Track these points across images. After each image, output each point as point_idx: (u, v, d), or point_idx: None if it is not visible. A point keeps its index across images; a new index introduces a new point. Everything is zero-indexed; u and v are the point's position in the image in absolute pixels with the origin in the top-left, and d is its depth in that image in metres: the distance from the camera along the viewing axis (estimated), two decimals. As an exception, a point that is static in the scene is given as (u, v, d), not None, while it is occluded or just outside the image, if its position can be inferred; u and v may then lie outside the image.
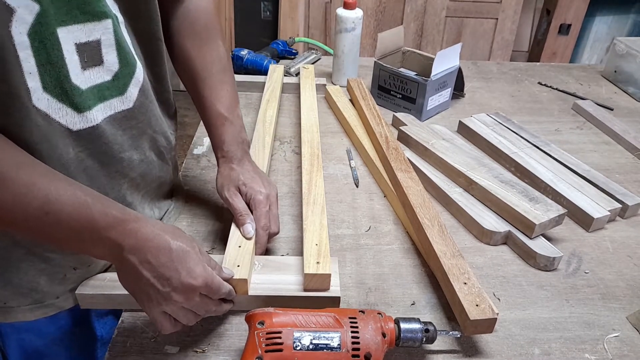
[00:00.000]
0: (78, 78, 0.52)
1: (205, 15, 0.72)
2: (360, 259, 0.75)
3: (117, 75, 0.56)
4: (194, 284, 0.52)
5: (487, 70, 1.43)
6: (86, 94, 0.53)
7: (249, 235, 0.67)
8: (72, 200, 0.48)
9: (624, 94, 1.34)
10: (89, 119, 0.54)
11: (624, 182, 0.94)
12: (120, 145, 0.60)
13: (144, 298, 0.52)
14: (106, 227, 0.49)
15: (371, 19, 2.41)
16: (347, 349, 0.52)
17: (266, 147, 0.91)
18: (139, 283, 0.51)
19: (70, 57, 0.51)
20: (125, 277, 0.53)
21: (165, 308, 0.52)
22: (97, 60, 0.53)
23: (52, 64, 0.49)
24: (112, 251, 0.50)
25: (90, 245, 0.50)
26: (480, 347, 0.62)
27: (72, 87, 0.51)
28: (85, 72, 0.52)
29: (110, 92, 0.56)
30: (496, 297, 0.70)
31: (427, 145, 0.94)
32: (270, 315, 0.54)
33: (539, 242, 0.76)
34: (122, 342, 0.59)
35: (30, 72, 0.47)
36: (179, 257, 0.52)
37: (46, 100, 0.50)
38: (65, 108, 0.52)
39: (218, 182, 0.73)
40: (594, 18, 2.53)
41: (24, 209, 0.46)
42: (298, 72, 1.26)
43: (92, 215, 0.49)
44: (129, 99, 0.59)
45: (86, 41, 0.52)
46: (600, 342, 0.64)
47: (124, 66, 0.57)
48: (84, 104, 0.53)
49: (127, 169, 0.62)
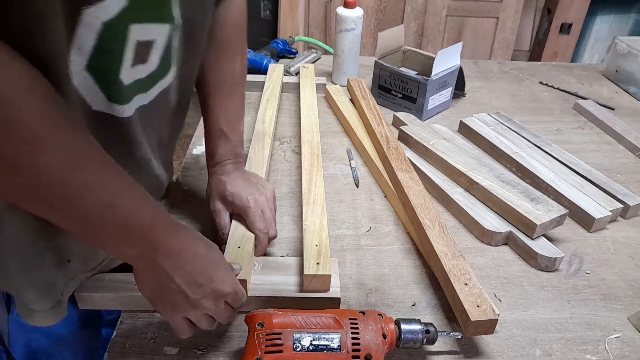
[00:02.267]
0: (125, 73, 0.51)
1: (231, 27, 0.72)
2: (360, 259, 0.75)
3: (150, 75, 0.56)
4: (225, 291, 0.53)
5: (488, 70, 1.43)
6: (126, 89, 0.53)
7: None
8: (137, 196, 0.48)
9: (625, 94, 1.34)
10: (116, 109, 0.53)
11: (625, 182, 0.94)
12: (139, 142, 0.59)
13: (167, 303, 0.52)
14: (154, 226, 0.49)
15: (371, 18, 2.40)
16: (347, 350, 0.52)
17: (266, 147, 0.91)
18: (166, 289, 0.51)
19: (128, 53, 0.50)
20: (149, 281, 0.52)
21: (190, 314, 0.53)
22: (143, 59, 0.53)
23: (110, 53, 0.48)
24: (145, 253, 0.49)
25: (125, 242, 0.49)
26: (481, 348, 0.62)
27: (116, 80, 0.51)
28: (132, 69, 0.52)
29: (139, 89, 0.56)
30: (497, 297, 0.69)
31: (428, 145, 0.94)
32: (270, 316, 0.54)
33: (540, 242, 0.76)
34: (121, 343, 0.59)
35: (79, 48, 0.46)
36: (213, 265, 0.53)
37: (83, 78, 0.48)
38: (98, 92, 0.51)
39: (207, 193, 0.74)
40: (595, 17, 2.53)
41: (96, 198, 0.45)
42: (298, 72, 1.26)
43: (146, 215, 0.49)
44: (148, 97, 0.58)
45: (145, 40, 0.51)
46: (601, 343, 0.63)
47: (159, 68, 0.56)
48: (124, 97, 0.53)
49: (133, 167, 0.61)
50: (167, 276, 0.50)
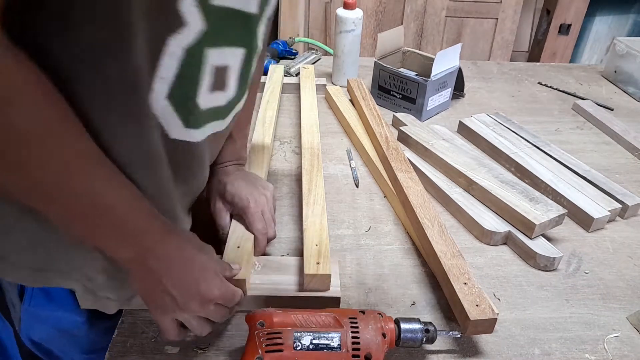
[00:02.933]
0: (203, 98, 0.51)
1: None
2: (360, 259, 0.75)
3: (230, 102, 0.56)
4: (211, 296, 0.53)
5: (487, 70, 1.43)
6: (202, 114, 0.52)
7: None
8: (134, 195, 0.49)
9: (624, 94, 1.34)
10: (192, 135, 0.53)
11: (624, 182, 0.94)
12: (200, 165, 0.59)
13: (157, 305, 0.53)
14: (148, 230, 0.50)
15: (371, 19, 2.40)
16: (347, 349, 0.52)
17: (266, 148, 0.91)
18: (156, 290, 0.51)
19: (205, 78, 0.50)
20: (141, 282, 0.53)
21: (179, 316, 0.53)
22: (221, 85, 0.53)
23: (189, 79, 0.48)
24: (138, 254, 0.50)
25: (121, 244, 0.49)
26: (480, 347, 0.62)
27: (193, 105, 0.51)
28: (211, 95, 0.52)
29: (217, 116, 0.55)
30: (496, 297, 0.70)
31: (427, 146, 0.94)
32: (271, 316, 0.54)
33: (539, 242, 0.76)
34: (122, 342, 0.59)
35: (162, 77, 0.46)
36: (200, 269, 0.53)
37: (163, 107, 0.48)
38: (176, 119, 0.50)
39: (207, 193, 0.74)
40: (594, 18, 2.53)
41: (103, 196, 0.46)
42: (298, 72, 1.26)
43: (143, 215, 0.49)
44: (225, 123, 0.58)
45: (221, 65, 0.51)
46: (600, 343, 0.64)
47: (237, 94, 0.56)
48: (197, 122, 0.52)
49: (195, 188, 0.62)
50: (157, 279, 0.50)
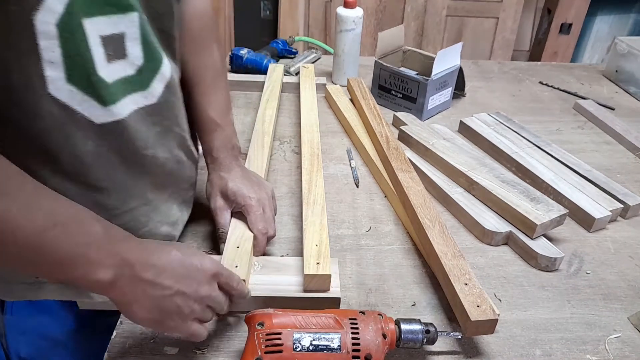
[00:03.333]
0: (103, 71, 0.51)
1: (201, 19, 0.72)
2: (360, 259, 0.74)
3: (141, 70, 0.55)
4: (212, 271, 0.52)
5: (488, 70, 1.43)
6: (112, 87, 0.52)
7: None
8: (77, 214, 0.46)
9: (625, 94, 1.34)
10: (114, 112, 0.53)
11: (625, 182, 0.94)
12: (144, 142, 0.58)
13: (171, 314, 0.50)
14: (113, 241, 0.47)
15: (371, 18, 2.40)
16: (347, 350, 0.52)
17: (265, 147, 0.91)
18: (163, 300, 0.49)
19: (96, 50, 0.50)
20: (143, 302, 0.49)
21: (196, 310, 0.51)
22: (121, 54, 0.53)
23: (80, 56, 0.48)
24: (122, 270, 0.47)
25: (97, 265, 0.46)
26: (481, 348, 0.62)
27: (98, 80, 0.50)
28: (110, 65, 0.52)
29: (133, 86, 0.55)
30: (497, 297, 0.69)
31: (428, 145, 0.94)
32: (270, 316, 0.54)
33: (540, 242, 0.76)
34: (121, 343, 0.59)
35: (52, 62, 0.46)
36: (189, 257, 0.52)
37: (68, 91, 0.48)
38: (90, 100, 0.50)
39: (207, 190, 0.73)
40: (595, 17, 2.53)
41: (31, 220, 0.42)
42: (298, 72, 1.26)
43: (98, 229, 0.47)
44: (152, 94, 0.58)
45: (111, 34, 0.51)
46: (601, 343, 0.63)
47: (148, 61, 0.56)
48: (110, 97, 0.52)
49: (152, 166, 0.61)
50: (156, 285, 0.48)
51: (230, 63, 1.28)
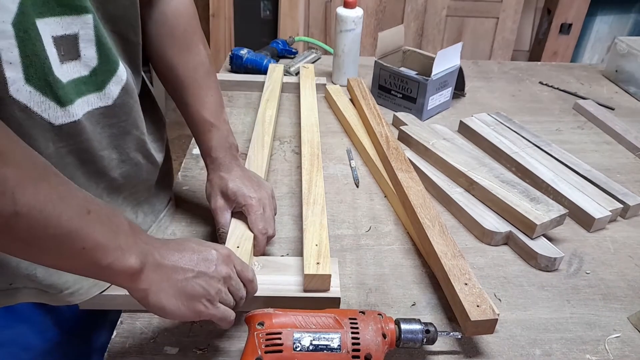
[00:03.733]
0: (58, 71, 0.51)
1: (184, 19, 0.71)
2: (360, 259, 0.75)
3: (95, 71, 0.55)
4: (227, 252, 0.55)
5: (488, 70, 1.43)
6: (67, 88, 0.52)
7: None
8: (105, 205, 0.47)
9: (625, 94, 1.34)
10: (71, 113, 0.53)
11: (625, 182, 0.94)
12: (99, 143, 0.58)
13: (200, 296, 0.52)
14: (137, 231, 0.49)
15: (371, 18, 2.40)
16: (347, 349, 0.52)
17: (265, 147, 0.91)
18: (187, 283, 0.51)
19: (50, 50, 0.50)
20: (169, 289, 0.50)
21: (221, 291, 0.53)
22: (74, 54, 0.52)
23: (36, 56, 0.48)
24: (147, 259, 0.48)
25: (127, 251, 0.46)
26: (481, 347, 0.62)
27: (55, 80, 0.50)
28: (64, 66, 0.52)
29: (87, 87, 0.55)
30: (497, 297, 0.69)
31: (428, 145, 0.94)
32: (270, 316, 0.54)
33: (540, 242, 0.76)
34: (121, 343, 0.59)
35: (10, 62, 0.46)
36: (199, 245, 0.54)
37: (28, 93, 0.48)
38: (48, 101, 0.50)
39: (207, 190, 0.73)
40: (595, 17, 2.53)
41: (69, 205, 0.43)
42: (298, 72, 1.26)
43: (124, 220, 0.48)
44: (108, 96, 0.57)
45: (63, 34, 0.51)
46: (601, 343, 0.64)
47: (103, 62, 0.56)
48: (66, 97, 0.52)
49: (106, 168, 0.61)
50: (178, 269, 0.50)
51: (230, 63, 1.28)
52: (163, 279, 0.50)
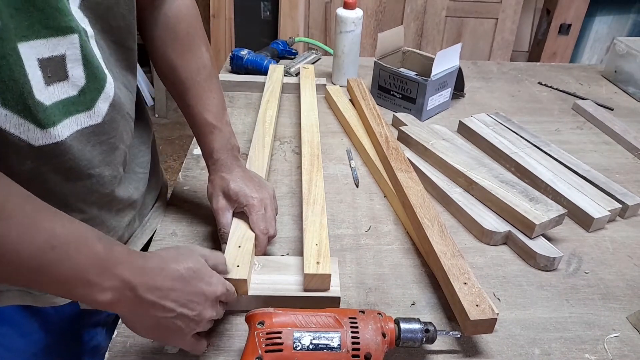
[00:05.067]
0: (42, 94, 0.49)
1: (186, 21, 0.71)
2: (360, 259, 0.75)
3: (84, 90, 0.54)
4: (217, 294, 0.54)
5: (487, 70, 1.43)
6: (50, 110, 0.51)
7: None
8: (78, 234, 0.45)
9: (624, 94, 1.34)
10: (53, 135, 0.51)
11: (624, 182, 0.94)
12: (89, 161, 0.57)
13: (173, 332, 0.51)
14: (115, 262, 0.46)
15: (371, 19, 2.41)
16: (347, 349, 0.52)
17: (266, 147, 0.91)
18: (165, 320, 0.50)
19: (34, 73, 0.48)
20: (144, 321, 0.50)
21: (197, 329, 0.53)
22: (61, 76, 0.51)
23: (14, 80, 0.46)
24: (123, 292, 0.46)
25: (96, 287, 0.45)
26: (481, 347, 0.62)
27: (35, 104, 0.49)
28: (49, 88, 0.50)
29: (76, 107, 0.54)
30: (496, 297, 0.70)
31: (427, 145, 0.94)
32: (270, 316, 0.54)
33: (539, 242, 0.76)
34: (122, 343, 0.59)
35: None
36: (194, 278, 0.52)
37: (3, 116, 0.47)
38: (27, 124, 0.49)
39: (208, 191, 0.73)
40: (594, 18, 2.53)
41: (30, 242, 0.42)
42: (298, 72, 1.26)
43: (99, 250, 0.46)
44: (97, 114, 0.56)
45: (49, 56, 0.49)
46: (600, 342, 0.64)
47: (91, 81, 0.54)
48: (48, 119, 0.51)
49: (96, 185, 0.60)
50: (159, 307, 0.48)
51: (231, 64, 1.28)
52: (139, 312, 0.49)
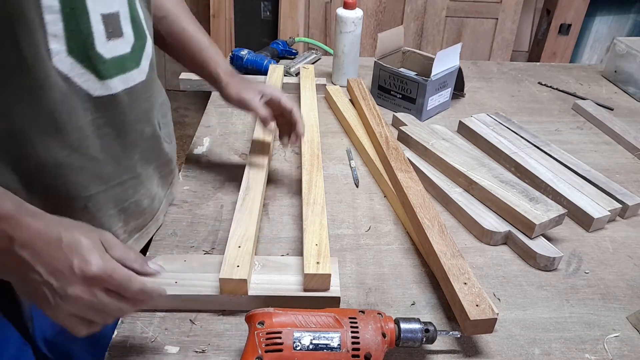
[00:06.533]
0: (103, 47, 0.54)
1: None
2: (360, 259, 0.75)
3: (134, 48, 0.59)
4: (88, 273, 0.47)
5: (487, 70, 1.43)
6: (109, 63, 0.56)
7: None
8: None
9: (624, 94, 1.34)
10: (110, 87, 0.57)
11: (624, 182, 0.94)
12: (135, 116, 0.62)
13: (41, 299, 0.48)
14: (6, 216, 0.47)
15: (371, 19, 2.41)
16: (347, 349, 0.52)
17: (266, 147, 0.91)
18: (33, 282, 0.47)
19: (97, 27, 0.53)
20: (17, 277, 0.48)
21: (69, 308, 0.48)
22: (118, 32, 0.56)
23: (80, 31, 0.52)
24: (4, 246, 0.46)
25: None
26: (480, 347, 0.62)
27: (96, 55, 0.54)
28: (110, 43, 0.55)
29: (129, 63, 0.59)
30: (496, 297, 0.70)
31: (427, 145, 0.94)
32: (270, 316, 0.54)
33: (539, 242, 0.76)
34: (122, 343, 0.59)
35: (55, 35, 0.50)
36: (70, 247, 0.47)
37: (69, 64, 0.52)
38: (87, 74, 0.54)
39: (231, 90, 0.79)
40: (594, 18, 2.53)
41: None
42: (298, 72, 1.26)
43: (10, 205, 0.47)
44: (142, 71, 0.62)
45: (109, 12, 0.55)
46: (600, 342, 0.64)
47: (137, 39, 0.60)
48: (106, 72, 0.56)
49: (139, 140, 0.65)
50: (30, 266, 0.47)
51: (231, 64, 1.28)
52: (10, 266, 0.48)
